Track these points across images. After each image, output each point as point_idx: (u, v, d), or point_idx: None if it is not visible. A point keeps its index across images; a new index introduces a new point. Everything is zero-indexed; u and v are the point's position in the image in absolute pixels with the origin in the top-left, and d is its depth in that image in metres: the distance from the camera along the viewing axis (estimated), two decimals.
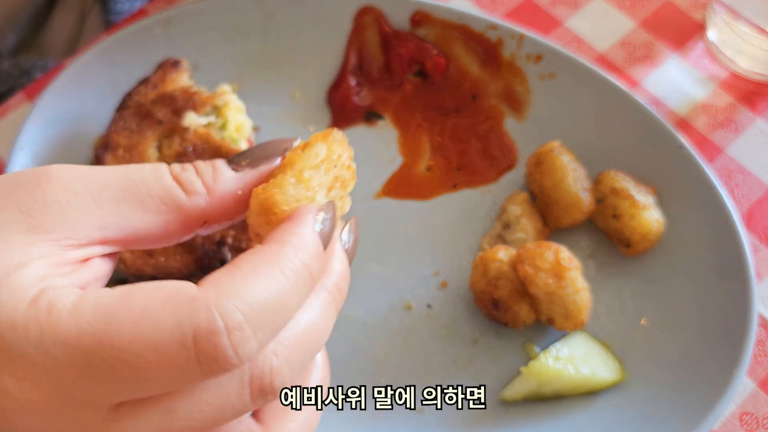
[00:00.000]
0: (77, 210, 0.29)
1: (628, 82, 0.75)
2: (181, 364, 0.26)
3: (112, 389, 0.27)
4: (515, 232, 0.64)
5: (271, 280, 0.28)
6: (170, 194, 0.31)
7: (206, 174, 0.33)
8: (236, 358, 0.27)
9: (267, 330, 0.28)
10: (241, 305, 0.27)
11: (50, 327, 0.26)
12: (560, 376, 0.57)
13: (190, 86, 0.64)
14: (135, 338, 0.26)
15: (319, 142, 0.34)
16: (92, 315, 0.27)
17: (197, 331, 0.26)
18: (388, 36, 0.73)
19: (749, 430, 0.58)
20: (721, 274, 0.60)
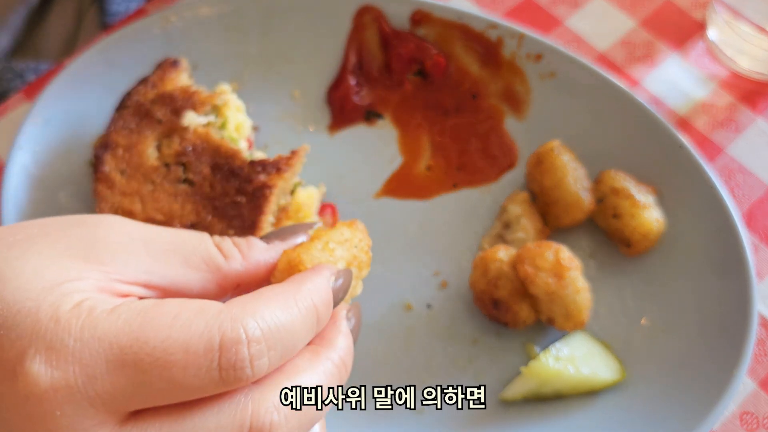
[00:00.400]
0: (130, 253, 0.33)
1: (628, 81, 0.75)
2: (205, 367, 0.29)
3: (135, 388, 0.29)
4: (515, 232, 0.64)
5: (286, 309, 0.32)
6: (211, 256, 0.36)
7: (241, 244, 0.37)
8: (250, 370, 0.30)
9: (278, 350, 0.31)
10: (260, 323, 0.31)
11: (90, 323, 0.29)
12: (560, 376, 0.57)
13: (189, 86, 0.64)
14: (168, 338, 0.29)
15: (344, 226, 0.40)
16: (129, 316, 0.30)
17: (223, 337, 0.30)
18: (388, 35, 0.73)
19: (750, 429, 0.58)
20: (721, 274, 0.60)
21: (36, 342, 0.29)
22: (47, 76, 0.76)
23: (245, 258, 0.37)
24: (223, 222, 0.57)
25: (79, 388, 0.29)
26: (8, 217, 0.62)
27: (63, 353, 0.29)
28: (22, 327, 0.29)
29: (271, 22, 0.73)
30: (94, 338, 0.29)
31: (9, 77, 0.79)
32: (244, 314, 0.31)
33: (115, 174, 0.60)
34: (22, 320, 0.29)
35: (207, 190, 0.58)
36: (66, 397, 0.29)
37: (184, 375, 0.29)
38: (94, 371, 0.29)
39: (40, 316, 0.30)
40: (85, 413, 0.29)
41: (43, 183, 0.66)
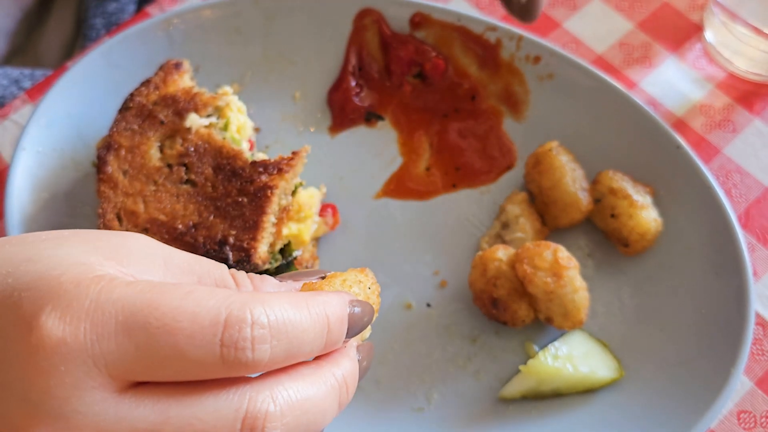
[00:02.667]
0: (149, 263, 0.35)
1: (626, 83, 0.75)
2: (208, 340, 0.30)
3: (139, 352, 0.30)
4: (514, 232, 0.64)
5: (296, 309, 0.33)
6: (224, 281, 0.37)
7: (255, 278, 0.38)
8: (251, 353, 0.31)
9: (281, 343, 0.32)
10: (268, 311, 0.32)
11: (108, 289, 0.31)
12: (559, 375, 0.57)
13: (191, 87, 0.65)
14: (178, 307, 0.30)
15: (356, 272, 0.42)
16: (145, 287, 0.31)
17: (230, 314, 0.31)
18: (388, 38, 0.73)
19: (747, 428, 0.58)
20: (718, 273, 0.60)
21: (53, 300, 0.30)
22: (50, 78, 0.76)
23: (256, 290, 0.37)
24: (225, 222, 0.57)
25: (86, 345, 0.30)
26: (11, 217, 0.63)
27: (77, 312, 0.30)
28: (44, 289, 0.31)
29: (272, 25, 0.74)
30: (109, 301, 0.30)
31: (5, 84, 0.80)
32: (254, 300, 0.32)
33: (118, 175, 0.60)
34: (44, 284, 0.31)
35: (209, 191, 0.59)
36: (73, 352, 0.30)
37: (187, 344, 0.30)
38: (103, 330, 0.30)
39: (62, 280, 0.31)
40: (88, 372, 0.30)
41: (47, 184, 0.66)
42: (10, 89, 0.80)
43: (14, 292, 0.31)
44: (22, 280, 0.31)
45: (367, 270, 0.43)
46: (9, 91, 0.80)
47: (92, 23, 0.86)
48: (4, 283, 0.31)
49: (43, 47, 0.92)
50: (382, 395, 0.60)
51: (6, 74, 0.81)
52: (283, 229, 0.60)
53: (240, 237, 0.56)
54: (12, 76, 0.81)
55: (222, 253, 0.55)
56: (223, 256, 0.55)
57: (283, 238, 0.60)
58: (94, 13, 0.87)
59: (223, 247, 0.56)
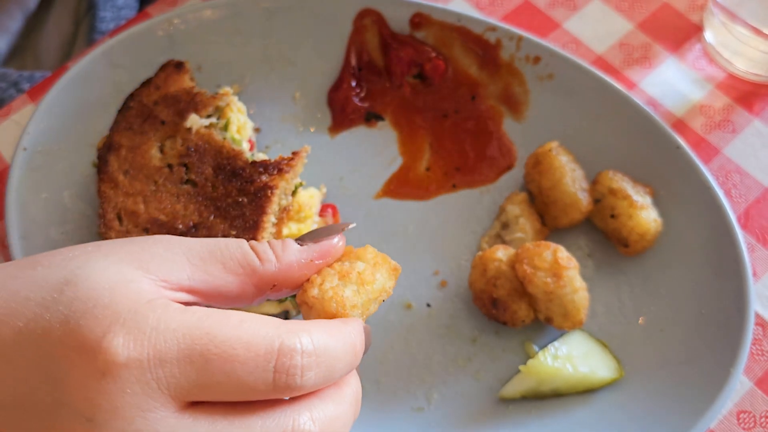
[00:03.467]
0: (173, 262, 0.37)
1: (625, 83, 0.75)
2: (262, 367, 0.33)
3: (198, 376, 0.33)
4: (514, 232, 0.64)
5: (334, 337, 0.37)
6: (247, 259, 0.39)
7: (276, 246, 0.40)
8: (300, 379, 0.34)
9: (323, 369, 0.36)
10: (314, 340, 0.35)
11: (166, 316, 0.33)
12: (559, 375, 0.57)
13: (192, 87, 0.65)
14: (234, 336, 0.33)
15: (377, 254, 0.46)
16: (202, 315, 0.34)
17: (282, 343, 0.34)
18: (388, 38, 0.73)
19: (746, 428, 0.58)
20: (718, 274, 0.60)
21: (116, 327, 0.32)
22: (51, 78, 0.76)
23: (279, 260, 0.40)
24: (225, 222, 0.57)
25: (150, 370, 0.32)
26: (11, 217, 0.63)
27: (140, 338, 0.32)
28: (101, 317, 0.33)
29: (272, 25, 0.74)
30: (169, 329, 0.33)
31: (3, 86, 0.80)
32: (301, 330, 0.35)
33: (119, 174, 0.61)
34: (101, 312, 0.33)
35: (209, 191, 0.59)
36: (137, 376, 0.32)
37: (243, 370, 0.33)
38: (166, 356, 0.32)
39: (119, 308, 0.33)
40: (151, 394, 0.32)
41: (47, 184, 0.66)
42: (8, 92, 0.80)
43: (69, 318, 0.33)
44: (73, 307, 0.33)
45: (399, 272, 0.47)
46: (8, 93, 0.80)
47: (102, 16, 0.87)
48: (55, 309, 0.33)
49: (42, 47, 0.93)
50: (383, 395, 0.60)
51: (5, 77, 0.81)
52: (284, 229, 0.60)
53: (240, 237, 0.56)
54: (11, 79, 0.81)
55: None
56: None
57: (284, 238, 0.60)
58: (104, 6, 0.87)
59: None
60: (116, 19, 0.88)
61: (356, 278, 0.45)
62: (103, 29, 0.87)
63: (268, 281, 0.39)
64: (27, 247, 0.62)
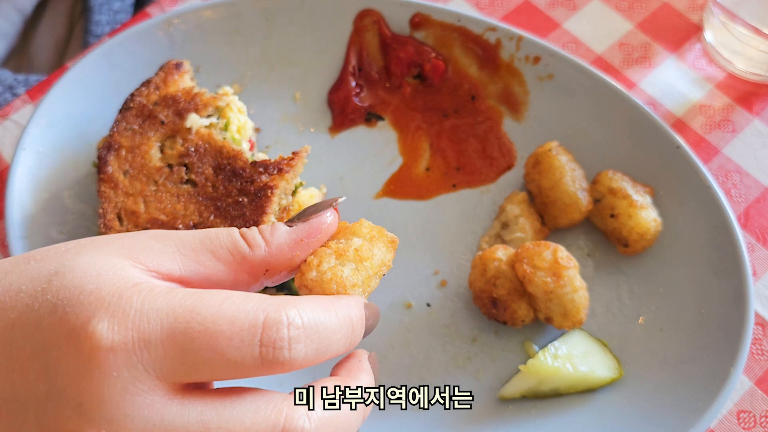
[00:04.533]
0: (164, 253, 0.37)
1: (625, 83, 0.75)
2: (248, 341, 0.32)
3: (184, 355, 0.32)
4: (514, 232, 0.64)
5: (325, 311, 0.36)
6: (237, 246, 0.38)
7: (265, 230, 0.40)
8: (288, 352, 0.33)
9: (314, 342, 0.34)
10: (301, 313, 0.34)
11: (150, 298, 0.33)
12: (559, 374, 0.57)
13: (192, 88, 0.65)
14: (217, 312, 0.33)
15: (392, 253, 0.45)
16: (185, 294, 0.34)
17: (267, 317, 0.33)
18: (388, 39, 0.73)
19: (746, 428, 0.58)
20: (717, 273, 0.60)
21: (100, 312, 0.32)
22: (50, 78, 0.76)
23: (269, 244, 0.39)
24: (225, 222, 0.57)
25: (135, 352, 0.32)
26: (12, 217, 0.63)
27: (124, 321, 0.32)
28: (86, 303, 0.33)
29: (272, 26, 0.74)
30: (153, 309, 0.33)
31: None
32: (287, 304, 0.34)
33: (119, 175, 0.61)
34: (86, 297, 0.33)
35: (209, 191, 0.59)
36: (123, 359, 0.32)
37: (228, 346, 0.32)
38: (150, 337, 0.32)
39: (103, 294, 0.33)
40: (138, 377, 0.32)
41: (47, 184, 0.66)
42: (4, 96, 0.80)
43: (57, 307, 0.33)
44: (61, 295, 0.33)
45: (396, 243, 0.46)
46: (3, 97, 0.80)
47: (98, 19, 0.87)
48: (43, 299, 0.33)
49: (36, 48, 0.93)
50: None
51: (0, 81, 0.81)
52: None
53: None
54: (6, 83, 0.81)
55: None
56: None
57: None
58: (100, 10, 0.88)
59: None
60: (111, 23, 0.88)
61: (354, 255, 0.43)
62: (98, 33, 0.87)
63: (260, 266, 0.39)
64: (27, 247, 0.62)
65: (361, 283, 0.43)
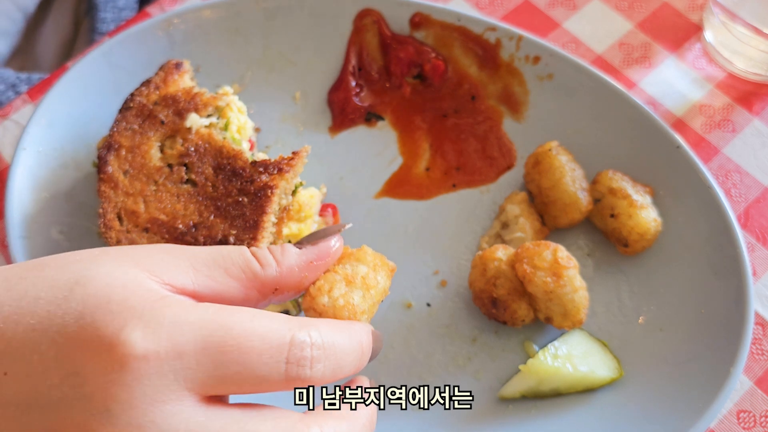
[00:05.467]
0: (177, 267, 0.38)
1: (625, 83, 0.75)
2: (275, 358, 0.35)
3: (215, 368, 0.34)
4: (514, 232, 0.64)
5: (341, 334, 0.39)
6: (249, 265, 0.40)
7: (276, 251, 0.42)
8: (310, 370, 0.36)
9: (331, 362, 0.37)
10: (322, 334, 0.37)
11: (182, 310, 0.35)
12: (559, 374, 0.57)
13: (192, 87, 0.65)
14: (249, 329, 0.35)
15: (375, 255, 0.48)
16: (216, 309, 0.36)
17: (294, 336, 0.36)
18: (388, 39, 0.73)
19: (746, 428, 0.59)
20: (717, 273, 0.60)
21: (133, 321, 0.33)
22: (50, 78, 0.76)
23: (279, 264, 0.41)
24: (225, 222, 0.57)
25: (168, 361, 0.33)
26: (12, 217, 0.63)
27: (158, 331, 0.33)
28: (117, 311, 0.34)
29: (272, 25, 0.74)
30: (186, 322, 0.34)
31: (1, 89, 0.81)
32: (309, 325, 0.37)
33: (119, 174, 0.61)
34: (116, 307, 0.34)
35: (209, 191, 0.59)
36: (155, 367, 0.33)
37: (258, 361, 0.35)
38: (183, 348, 0.33)
39: (133, 303, 0.34)
40: (168, 386, 0.33)
41: (48, 184, 0.66)
42: (6, 94, 0.80)
43: (83, 314, 0.34)
44: (87, 303, 0.34)
45: (383, 256, 0.50)
46: (5, 96, 0.80)
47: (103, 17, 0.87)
48: (67, 306, 0.34)
49: (42, 47, 0.93)
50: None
51: (3, 79, 0.81)
52: (284, 228, 0.60)
53: (240, 237, 0.56)
54: (9, 81, 0.81)
55: None
56: None
57: (284, 238, 0.60)
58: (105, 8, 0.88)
59: None
60: (116, 20, 0.88)
61: (361, 283, 0.47)
62: (103, 30, 0.88)
63: (271, 285, 0.41)
64: (27, 247, 0.62)
65: (367, 309, 0.46)
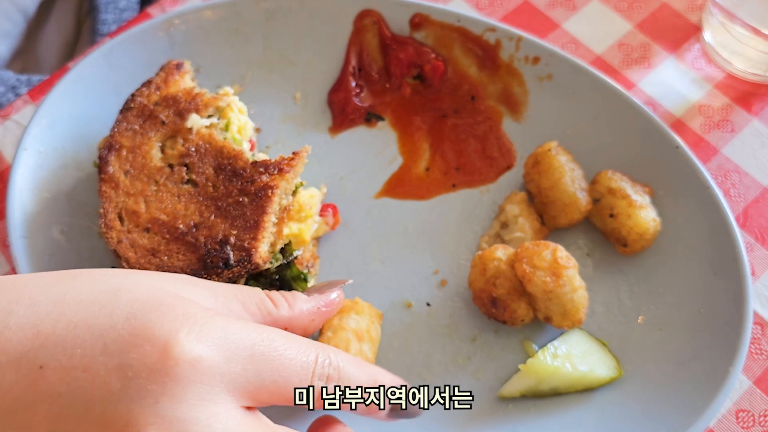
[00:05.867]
0: (200, 294, 0.42)
1: (624, 83, 0.75)
2: (308, 371, 0.40)
3: (257, 376, 0.37)
4: (513, 232, 0.65)
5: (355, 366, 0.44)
6: (264, 303, 0.45)
7: (287, 295, 0.47)
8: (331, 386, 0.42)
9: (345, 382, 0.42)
10: (340, 360, 0.43)
11: (228, 325, 0.38)
12: (558, 374, 0.58)
13: (192, 88, 0.65)
14: (287, 344, 0.40)
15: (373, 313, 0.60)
16: (256, 326, 0.40)
17: (318, 355, 0.41)
18: (388, 40, 0.74)
19: (745, 427, 0.59)
20: (717, 273, 0.61)
21: (188, 326, 0.36)
22: (51, 79, 0.77)
23: (291, 307, 0.46)
24: (226, 222, 0.57)
25: (218, 367, 0.36)
26: (13, 217, 0.63)
27: (211, 338, 0.37)
28: (171, 316, 0.37)
29: (272, 26, 0.74)
30: (236, 333, 0.38)
31: (1, 91, 0.81)
32: (329, 349, 0.43)
33: (120, 175, 0.61)
34: (168, 311, 0.37)
35: (210, 191, 0.59)
36: (205, 371, 0.36)
37: (294, 372, 0.39)
38: (233, 355, 0.37)
39: (188, 311, 0.37)
40: (215, 388, 0.36)
41: (49, 184, 0.66)
42: (6, 96, 0.80)
43: (134, 315, 0.36)
44: (135, 306, 0.37)
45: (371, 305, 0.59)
46: (6, 98, 0.80)
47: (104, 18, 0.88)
48: (114, 307, 0.37)
49: (44, 49, 0.93)
50: None
51: (3, 81, 0.81)
52: (284, 228, 0.60)
53: (241, 237, 0.57)
54: (9, 83, 0.81)
55: (223, 252, 0.56)
56: (224, 255, 0.56)
57: (284, 238, 0.60)
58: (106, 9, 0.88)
59: (224, 247, 0.56)
60: (118, 22, 0.88)
61: (368, 336, 0.56)
62: (104, 32, 0.88)
63: (282, 324, 0.45)
64: (28, 247, 0.62)
65: (372, 358, 0.56)
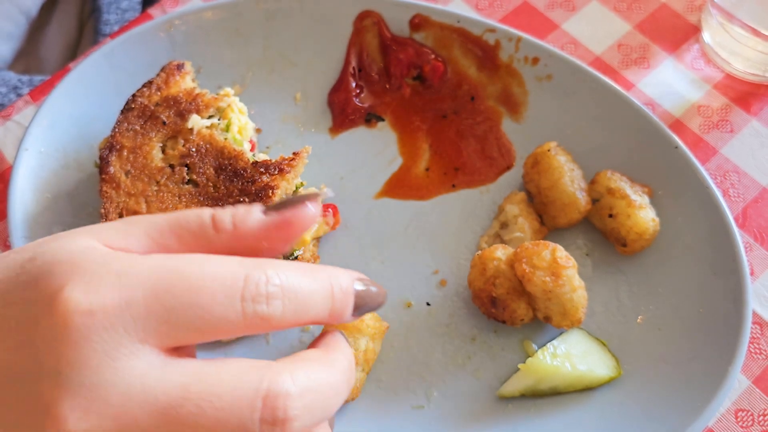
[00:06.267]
0: (131, 235, 0.36)
1: (624, 84, 0.76)
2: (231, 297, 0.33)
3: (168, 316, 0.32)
4: (513, 232, 0.65)
5: (303, 275, 0.36)
6: (203, 230, 0.38)
7: (238, 214, 0.39)
8: (267, 306, 0.34)
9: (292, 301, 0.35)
10: (279, 273, 0.34)
11: (129, 261, 0.33)
12: (557, 373, 0.58)
13: (193, 89, 0.65)
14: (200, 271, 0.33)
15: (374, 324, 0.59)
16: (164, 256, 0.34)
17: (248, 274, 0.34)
18: (388, 41, 0.74)
19: (744, 426, 0.59)
20: (716, 273, 0.61)
21: (75, 276, 0.32)
22: (52, 79, 0.77)
23: (236, 228, 0.38)
24: None
25: (115, 312, 0.31)
26: (14, 217, 0.63)
27: (103, 282, 0.31)
28: (60, 271, 0.32)
29: (273, 27, 0.75)
30: (133, 270, 0.32)
31: (3, 91, 0.81)
32: (266, 264, 0.34)
33: (121, 175, 0.61)
34: (59, 267, 0.32)
35: (211, 191, 0.60)
36: (102, 321, 0.31)
37: (212, 302, 0.32)
38: (132, 297, 0.31)
39: (77, 259, 0.32)
40: (119, 340, 0.31)
41: (50, 184, 0.67)
42: (8, 96, 0.81)
43: (30, 277, 0.32)
44: (34, 272, 0.33)
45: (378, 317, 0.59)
46: (7, 98, 0.80)
47: (107, 19, 0.87)
48: (18, 280, 0.33)
49: (47, 50, 0.93)
50: (383, 393, 0.60)
51: (5, 81, 0.81)
52: None
53: None
54: (10, 84, 0.82)
55: None
56: None
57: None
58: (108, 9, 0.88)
59: None
60: (120, 22, 0.89)
61: (363, 359, 0.55)
62: (106, 32, 0.88)
63: (220, 249, 0.38)
64: None
65: (363, 377, 0.58)
